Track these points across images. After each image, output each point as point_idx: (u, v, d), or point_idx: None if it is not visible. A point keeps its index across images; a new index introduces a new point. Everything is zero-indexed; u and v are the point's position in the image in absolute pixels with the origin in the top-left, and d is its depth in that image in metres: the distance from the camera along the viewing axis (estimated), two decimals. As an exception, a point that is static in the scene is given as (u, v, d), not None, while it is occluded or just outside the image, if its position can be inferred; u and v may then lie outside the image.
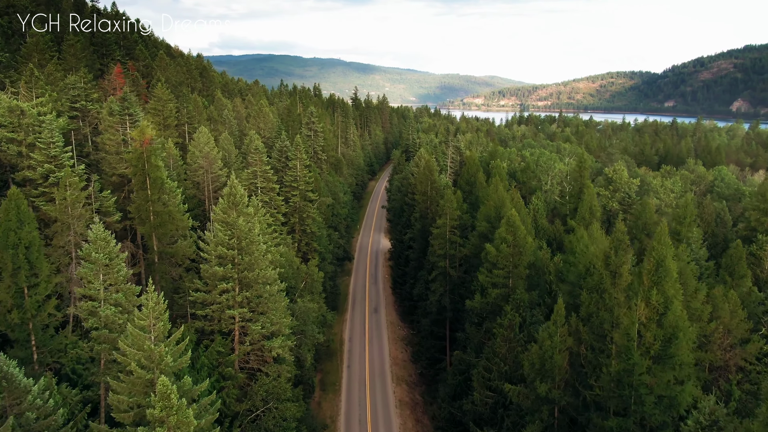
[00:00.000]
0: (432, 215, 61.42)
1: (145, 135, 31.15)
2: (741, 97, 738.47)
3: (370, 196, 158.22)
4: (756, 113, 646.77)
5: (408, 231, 72.56)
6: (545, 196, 70.34)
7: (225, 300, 29.29)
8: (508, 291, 32.49)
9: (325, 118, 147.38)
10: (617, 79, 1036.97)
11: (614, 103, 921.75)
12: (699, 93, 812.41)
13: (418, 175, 70.46)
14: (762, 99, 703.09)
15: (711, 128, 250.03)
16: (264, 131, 78.70)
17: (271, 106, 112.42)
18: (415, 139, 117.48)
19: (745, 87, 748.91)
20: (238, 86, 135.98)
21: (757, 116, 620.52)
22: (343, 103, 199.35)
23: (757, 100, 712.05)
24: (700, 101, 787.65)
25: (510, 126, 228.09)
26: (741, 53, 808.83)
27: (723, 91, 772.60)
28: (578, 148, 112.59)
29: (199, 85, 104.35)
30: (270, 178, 51.88)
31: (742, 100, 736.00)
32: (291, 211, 63.00)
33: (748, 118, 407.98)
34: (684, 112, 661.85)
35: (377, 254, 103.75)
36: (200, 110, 72.15)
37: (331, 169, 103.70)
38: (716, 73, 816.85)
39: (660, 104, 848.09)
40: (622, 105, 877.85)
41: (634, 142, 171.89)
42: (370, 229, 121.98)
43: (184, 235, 35.24)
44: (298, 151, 62.35)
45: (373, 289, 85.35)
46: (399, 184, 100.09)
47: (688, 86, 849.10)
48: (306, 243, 63.83)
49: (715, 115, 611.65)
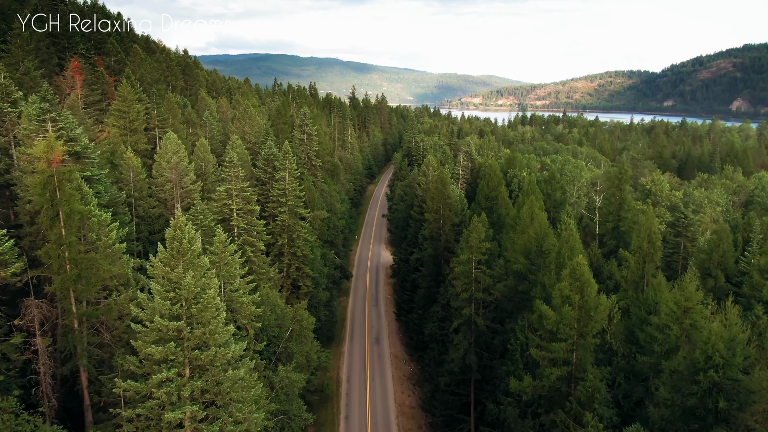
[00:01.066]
0: (445, 237, 51.97)
1: (52, 152, 21.49)
2: (741, 97, 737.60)
3: (369, 201, 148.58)
4: (756, 112, 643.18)
5: (414, 250, 63.00)
6: (573, 210, 60.99)
7: (165, 395, 19.78)
8: (571, 370, 23.06)
9: (321, 120, 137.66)
10: (616, 78, 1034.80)
11: (613, 102, 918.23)
12: (698, 92, 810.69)
13: (426, 188, 61.00)
14: (762, 98, 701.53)
15: (722, 129, 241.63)
16: (249, 135, 68.99)
17: (261, 106, 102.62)
18: (418, 142, 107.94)
19: (744, 86, 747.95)
20: (227, 85, 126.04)
21: (758, 115, 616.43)
22: (341, 103, 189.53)
23: (757, 99, 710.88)
24: (700, 101, 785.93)
25: (514, 126, 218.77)
26: (740, 52, 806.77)
27: (722, 90, 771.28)
28: (596, 152, 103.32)
29: (180, 83, 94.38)
30: (249, 198, 42.18)
31: (741, 99, 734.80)
32: (279, 231, 53.35)
33: (749, 117, 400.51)
34: (683, 112, 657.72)
35: (378, 270, 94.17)
36: (174, 112, 62.37)
37: (327, 176, 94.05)
38: (715, 73, 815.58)
39: (659, 103, 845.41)
40: (621, 104, 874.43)
41: (648, 144, 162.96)
42: (370, 240, 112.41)
43: (124, 283, 25.77)
44: (287, 159, 52.70)
45: (373, 313, 75.78)
46: (402, 193, 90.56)
47: (687, 85, 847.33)
48: (296, 267, 54.17)
49: (715, 115, 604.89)
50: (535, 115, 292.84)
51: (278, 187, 53.02)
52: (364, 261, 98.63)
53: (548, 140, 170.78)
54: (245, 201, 41.35)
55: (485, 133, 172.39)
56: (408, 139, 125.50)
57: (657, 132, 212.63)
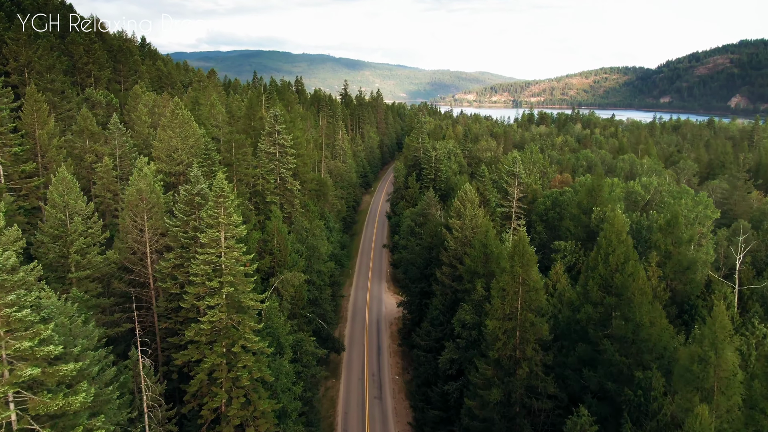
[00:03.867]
0: (528, 365, 27.49)
1: None
2: (739, 93, 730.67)
3: (366, 218, 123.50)
4: (756, 109, 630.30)
5: (445, 342, 38.45)
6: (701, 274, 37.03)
7: None
8: None
9: (307, 121, 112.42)
10: (611, 74, 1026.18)
11: (609, 99, 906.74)
12: (695, 89, 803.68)
13: (464, 239, 36.87)
14: (761, 94, 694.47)
15: (750, 128, 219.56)
16: (182, 153, 43.67)
17: (220, 105, 77.24)
18: (429, 151, 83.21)
19: (743, 82, 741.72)
20: (184, 78, 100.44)
21: (757, 112, 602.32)
22: (331, 101, 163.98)
23: (756, 95, 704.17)
24: (697, 97, 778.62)
25: (525, 126, 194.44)
26: (737, 48, 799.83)
27: (720, 86, 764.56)
28: (658, 164, 79.03)
29: (107, 73, 68.73)
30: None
31: (740, 96, 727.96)
32: (207, 340, 28.59)
33: (747, 115, 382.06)
34: (681, 108, 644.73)
35: (379, 326, 69.39)
36: (42, 119, 37.22)
37: (310, 199, 69.14)
38: (712, 69, 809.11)
39: (655, 100, 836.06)
40: (617, 101, 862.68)
41: (688, 148, 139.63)
42: (367, 275, 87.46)
43: None
44: (220, 207, 27.87)
45: (376, 410, 51.06)
46: (412, 224, 65.95)
47: (684, 82, 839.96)
48: (242, 404, 29.40)
49: (713, 111, 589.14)
50: (542, 112, 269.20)
51: (204, 259, 28.15)
52: (360, 311, 73.73)
53: (570, 143, 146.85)
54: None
55: (498, 135, 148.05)
56: (413, 145, 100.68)
57: (682, 132, 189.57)
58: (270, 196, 51.81)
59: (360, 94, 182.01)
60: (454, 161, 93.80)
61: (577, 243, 41.62)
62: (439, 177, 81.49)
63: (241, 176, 45.57)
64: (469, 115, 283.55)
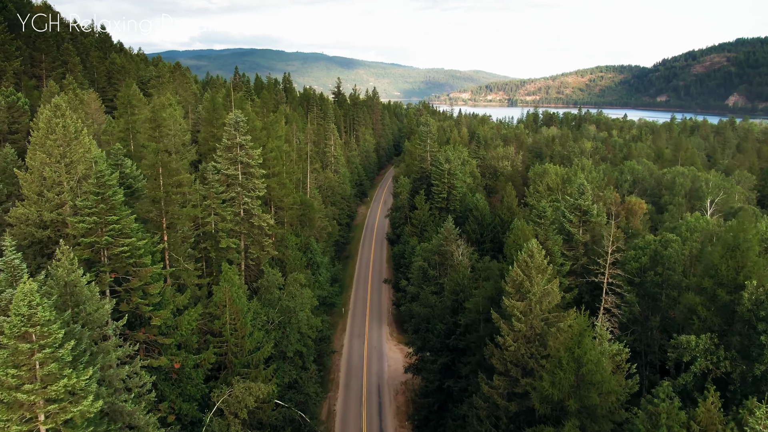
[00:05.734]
0: None
1: None
2: (737, 92, 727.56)
3: (362, 237, 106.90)
4: (754, 108, 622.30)
5: None
6: None
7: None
8: None
9: (294, 123, 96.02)
10: (607, 73, 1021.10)
11: (605, 97, 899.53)
12: (692, 87, 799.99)
13: (538, 340, 21.25)
14: (759, 93, 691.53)
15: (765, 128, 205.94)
16: (65, 189, 27.08)
17: (178, 105, 60.87)
18: (442, 164, 66.94)
19: (740, 81, 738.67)
20: (148, 73, 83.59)
21: (755, 111, 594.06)
22: (322, 100, 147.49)
23: (754, 94, 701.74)
24: (694, 96, 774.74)
25: (533, 128, 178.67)
26: (733, 47, 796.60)
27: (717, 85, 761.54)
28: (726, 181, 63.35)
29: (15, 64, 52.00)
30: None
31: (738, 94, 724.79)
32: None
33: (745, 114, 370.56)
34: (678, 107, 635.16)
35: (381, 396, 52.77)
36: None
37: (290, 231, 52.86)
38: (709, 67, 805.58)
39: (652, 99, 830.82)
40: (613, 100, 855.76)
41: (720, 152, 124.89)
42: (364, 317, 70.66)
43: None
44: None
45: None
46: (425, 265, 49.67)
47: (681, 80, 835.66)
48: None
49: (711, 110, 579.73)
50: (547, 112, 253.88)
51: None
52: (356, 373, 57.00)
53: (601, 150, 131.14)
54: None
55: (508, 138, 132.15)
56: (416, 153, 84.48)
57: (700, 132, 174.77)
58: (226, 239, 35.51)
59: (354, 92, 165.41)
60: (467, 173, 77.78)
61: (712, 335, 25.17)
62: (453, 195, 65.56)
63: (174, 218, 29.38)
64: (470, 114, 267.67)
